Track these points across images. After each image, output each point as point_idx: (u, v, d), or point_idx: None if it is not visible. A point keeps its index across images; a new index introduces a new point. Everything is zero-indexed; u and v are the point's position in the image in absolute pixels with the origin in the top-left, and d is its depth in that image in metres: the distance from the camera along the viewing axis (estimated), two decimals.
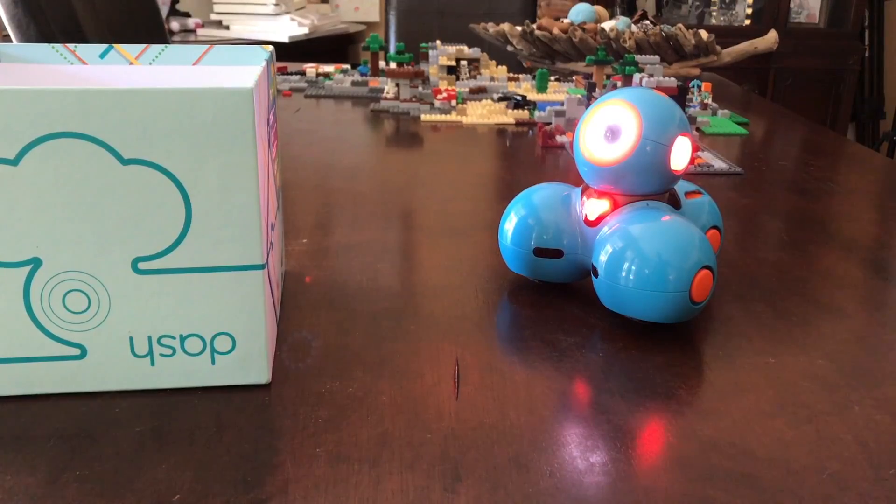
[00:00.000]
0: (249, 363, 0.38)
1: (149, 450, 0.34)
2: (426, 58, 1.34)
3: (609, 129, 0.45)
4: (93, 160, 0.33)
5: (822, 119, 2.95)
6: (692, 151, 0.46)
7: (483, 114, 1.07)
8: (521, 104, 1.11)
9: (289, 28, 2.40)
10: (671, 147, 0.45)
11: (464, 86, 1.22)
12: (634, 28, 1.35)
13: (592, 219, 0.47)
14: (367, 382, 0.39)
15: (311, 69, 1.37)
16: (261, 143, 0.36)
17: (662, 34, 1.29)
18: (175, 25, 2.42)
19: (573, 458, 0.34)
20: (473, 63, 1.25)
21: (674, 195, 0.48)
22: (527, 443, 0.35)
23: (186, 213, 0.35)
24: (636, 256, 0.43)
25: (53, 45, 0.46)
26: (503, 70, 1.32)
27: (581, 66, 1.35)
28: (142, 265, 0.35)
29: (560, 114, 0.96)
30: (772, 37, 1.36)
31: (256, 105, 0.35)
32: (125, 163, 0.34)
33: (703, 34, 1.30)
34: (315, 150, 0.87)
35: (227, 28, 2.49)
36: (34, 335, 0.36)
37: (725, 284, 0.52)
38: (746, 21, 3.02)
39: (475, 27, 1.43)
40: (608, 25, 1.38)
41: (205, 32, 2.46)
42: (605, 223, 0.46)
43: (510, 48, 1.38)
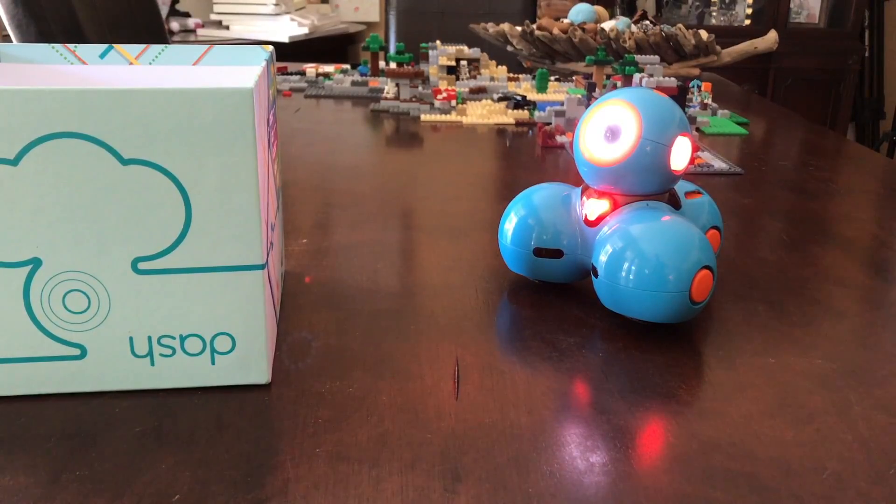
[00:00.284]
0: (249, 363, 0.38)
1: (149, 450, 0.34)
2: (426, 58, 1.34)
3: (609, 130, 0.45)
4: (93, 160, 0.33)
5: (822, 119, 2.94)
6: (692, 151, 0.46)
7: (483, 114, 1.07)
8: (521, 104, 1.11)
9: (289, 28, 2.40)
10: (671, 147, 0.45)
11: (464, 86, 1.22)
12: (634, 28, 1.35)
13: (592, 219, 0.47)
14: (367, 382, 0.39)
15: (311, 69, 1.37)
16: (261, 143, 0.36)
17: (662, 34, 1.29)
18: (175, 25, 2.42)
19: (573, 458, 0.34)
20: (473, 63, 1.25)
21: (674, 195, 0.48)
22: (527, 443, 0.35)
23: (186, 213, 0.35)
24: (636, 256, 0.43)
25: (53, 45, 0.46)
26: (503, 70, 1.32)
27: (581, 67, 1.35)
28: (142, 265, 0.35)
29: (560, 114, 0.96)
30: (772, 37, 1.36)
31: (256, 105, 0.35)
32: (125, 163, 0.34)
33: (703, 34, 1.30)
34: (315, 150, 0.87)
35: (227, 28, 2.49)
36: (34, 335, 0.36)
37: (725, 284, 0.52)
38: (746, 21, 3.02)
39: (475, 27, 1.43)
40: (608, 25, 1.38)
41: (205, 32, 2.46)
42: (605, 223, 0.46)
43: (510, 48, 1.38)
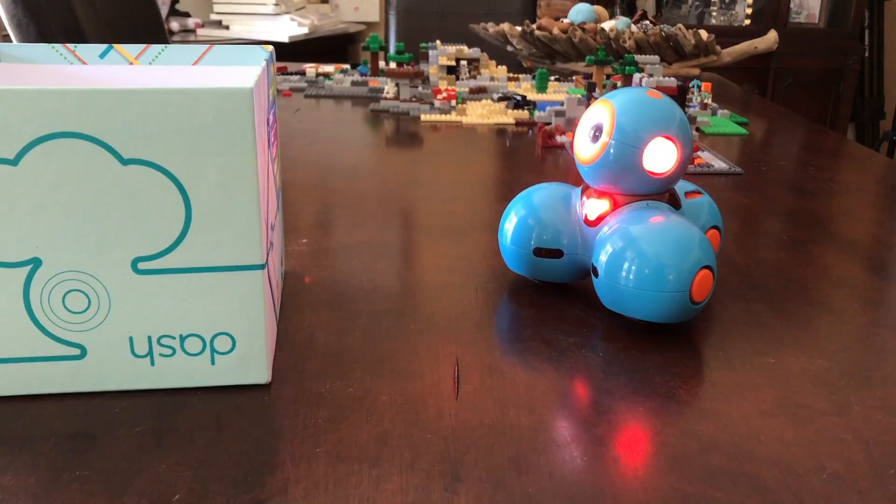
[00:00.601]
0: (249, 363, 0.38)
1: (149, 450, 0.34)
2: (426, 58, 1.34)
3: (594, 128, 0.46)
4: (93, 160, 0.33)
5: (822, 119, 2.94)
6: (679, 153, 0.46)
7: (483, 114, 1.07)
8: (521, 104, 1.11)
9: (289, 28, 2.40)
10: (643, 149, 0.45)
11: (464, 86, 1.22)
12: (634, 28, 1.35)
13: (592, 219, 0.47)
14: (367, 382, 0.39)
15: (311, 69, 1.37)
16: (261, 143, 0.36)
17: (662, 34, 1.29)
18: (175, 25, 2.42)
19: (573, 458, 0.34)
20: (473, 63, 1.25)
21: (674, 195, 0.48)
22: (527, 443, 0.35)
23: (186, 213, 0.35)
24: (636, 256, 0.43)
25: (53, 45, 0.46)
26: (503, 70, 1.32)
27: (581, 66, 1.35)
28: (142, 265, 0.35)
29: (560, 114, 0.96)
30: (772, 37, 1.36)
31: (256, 105, 0.35)
32: (125, 163, 0.34)
33: (703, 34, 1.30)
34: (315, 150, 0.87)
35: (227, 28, 2.49)
36: (34, 335, 0.36)
37: (725, 284, 0.52)
38: (746, 21, 3.02)
39: (475, 27, 1.43)
40: (608, 25, 1.38)
41: (205, 32, 2.46)
42: (605, 223, 0.46)
43: (510, 48, 1.38)
